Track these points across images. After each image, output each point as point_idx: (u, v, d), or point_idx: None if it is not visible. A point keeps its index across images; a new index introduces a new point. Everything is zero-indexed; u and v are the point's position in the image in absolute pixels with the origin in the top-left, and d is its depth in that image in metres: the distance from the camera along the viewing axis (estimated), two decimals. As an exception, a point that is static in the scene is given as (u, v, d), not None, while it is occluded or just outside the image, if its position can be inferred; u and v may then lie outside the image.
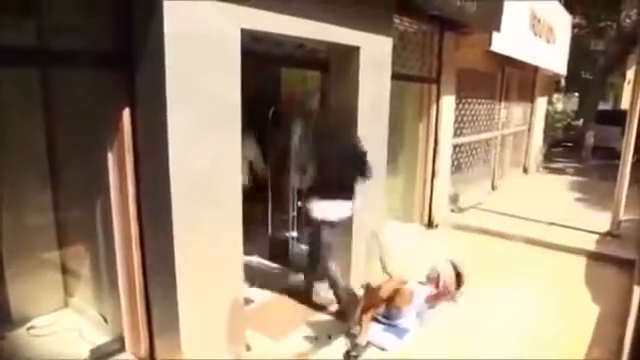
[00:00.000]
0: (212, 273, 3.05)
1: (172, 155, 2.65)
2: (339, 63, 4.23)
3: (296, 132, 5.00)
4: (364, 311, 3.58)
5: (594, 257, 5.66)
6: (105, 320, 3.55)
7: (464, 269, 4.39)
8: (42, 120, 3.63)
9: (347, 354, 3.40)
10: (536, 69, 10.12)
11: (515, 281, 4.91)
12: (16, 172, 3.51)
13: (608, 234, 6.27)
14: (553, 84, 13.06)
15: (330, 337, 3.68)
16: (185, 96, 2.68)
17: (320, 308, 4.14)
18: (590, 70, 16.78)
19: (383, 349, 3.56)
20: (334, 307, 4.07)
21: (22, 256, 3.62)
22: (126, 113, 2.83)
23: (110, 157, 2.99)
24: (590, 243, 5.99)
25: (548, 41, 9.01)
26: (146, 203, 2.94)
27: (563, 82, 14.20)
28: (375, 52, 4.24)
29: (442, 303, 4.07)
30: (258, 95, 4.79)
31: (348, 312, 3.78)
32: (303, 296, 4.27)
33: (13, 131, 3.45)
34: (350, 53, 4.07)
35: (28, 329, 3.56)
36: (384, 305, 3.76)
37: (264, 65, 4.77)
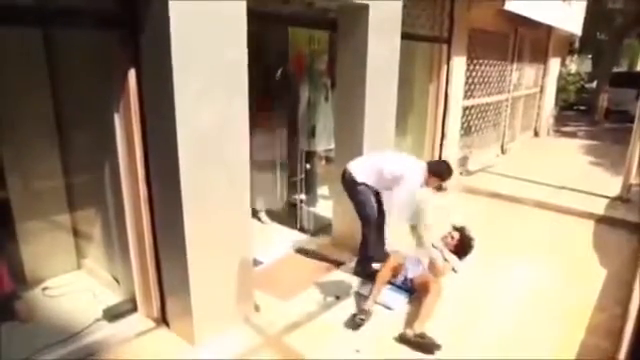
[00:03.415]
0: (221, 234, 3.07)
1: (179, 116, 2.62)
2: (347, 22, 4.11)
3: (304, 93, 4.94)
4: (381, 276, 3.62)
5: (603, 221, 5.64)
6: (117, 281, 3.62)
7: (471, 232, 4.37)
8: (48, 82, 3.60)
9: (353, 317, 3.41)
10: (550, 29, 9.84)
11: (523, 244, 4.93)
12: (24, 135, 3.51)
13: (618, 198, 6.22)
14: (567, 45, 12.72)
15: (338, 298, 3.73)
16: (191, 57, 2.62)
17: (337, 264, 4.27)
18: (606, 31, 16.28)
19: (389, 308, 3.61)
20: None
21: (34, 219, 3.67)
22: (132, 74, 2.78)
23: (117, 118, 2.97)
24: (600, 207, 5.95)
25: (564, 0, 8.72)
26: (154, 164, 2.93)
27: (577, 43, 13.81)
28: (384, 11, 4.11)
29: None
30: (265, 56, 4.71)
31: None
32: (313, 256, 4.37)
33: (19, 93, 3.43)
34: (359, 12, 3.95)
35: (43, 289, 3.64)
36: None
37: (271, 25, 4.66)
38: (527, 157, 9.02)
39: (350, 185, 3.88)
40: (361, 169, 3.86)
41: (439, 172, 3.88)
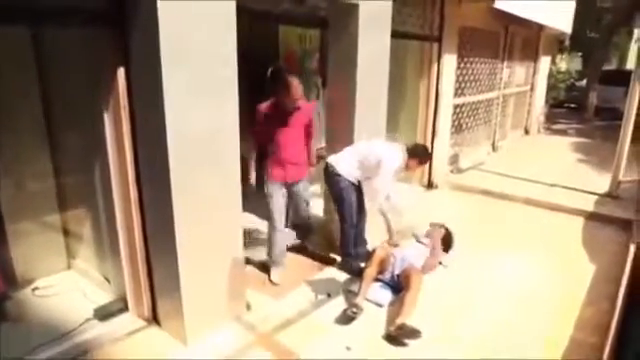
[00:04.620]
0: (211, 233, 3.07)
1: (168, 115, 2.61)
2: (338, 20, 4.13)
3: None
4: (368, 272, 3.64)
5: (593, 218, 5.69)
6: (108, 281, 3.62)
7: (462, 229, 4.41)
8: (37, 82, 3.58)
9: (344, 312, 3.43)
10: (540, 28, 9.90)
11: (513, 241, 4.96)
12: (14, 135, 3.49)
13: (608, 195, 6.29)
14: (557, 43, 12.80)
15: (329, 295, 3.75)
16: (180, 55, 2.62)
17: (328, 262, 4.28)
18: (595, 29, 16.41)
19: (379, 305, 3.63)
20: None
21: (24, 220, 3.65)
22: (121, 73, 2.78)
23: (106, 118, 2.96)
24: (589, 204, 6.01)
25: (553, -2, 8.79)
26: (144, 164, 2.93)
27: (567, 41, 13.91)
28: (374, 9, 4.13)
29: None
30: (256, 54, 4.71)
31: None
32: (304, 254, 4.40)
33: (8, 94, 3.41)
34: (349, 10, 3.97)
35: (33, 290, 3.62)
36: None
37: (262, 23, 4.66)
38: (518, 155, 9.09)
39: (333, 179, 3.90)
40: (344, 161, 3.89)
41: (417, 154, 3.96)
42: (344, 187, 3.88)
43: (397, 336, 3.17)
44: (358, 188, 3.96)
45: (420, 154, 3.99)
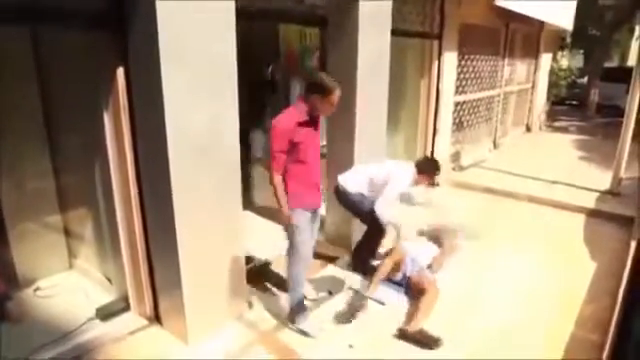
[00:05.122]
0: (212, 232, 3.08)
1: (168, 114, 2.61)
2: (337, 18, 4.12)
3: (295, 90, 4.93)
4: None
5: (594, 215, 5.68)
6: (109, 280, 3.62)
7: (465, 227, 4.41)
8: (36, 83, 3.59)
9: (346, 311, 3.44)
10: (541, 25, 9.87)
11: (515, 238, 4.96)
12: (13, 136, 3.50)
13: (609, 192, 6.28)
14: (558, 40, 12.76)
15: (331, 293, 3.75)
16: (179, 54, 2.62)
17: (330, 260, 4.28)
18: (597, 26, 16.34)
19: (382, 304, 3.63)
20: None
21: (25, 220, 3.66)
22: (120, 73, 2.78)
23: (106, 118, 2.96)
24: (591, 201, 6.01)
25: (554, -4, 8.77)
26: (144, 163, 2.93)
27: (568, 38, 13.86)
28: (374, 7, 4.11)
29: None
30: (255, 53, 4.69)
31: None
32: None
33: (7, 94, 3.41)
34: (349, 8, 3.96)
35: (34, 290, 3.64)
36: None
37: (261, 22, 4.64)
38: (519, 152, 9.08)
39: (344, 197, 3.89)
40: (352, 181, 3.87)
41: (427, 170, 3.96)
42: (357, 200, 3.86)
43: (419, 339, 3.15)
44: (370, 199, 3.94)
45: (428, 169, 3.97)
